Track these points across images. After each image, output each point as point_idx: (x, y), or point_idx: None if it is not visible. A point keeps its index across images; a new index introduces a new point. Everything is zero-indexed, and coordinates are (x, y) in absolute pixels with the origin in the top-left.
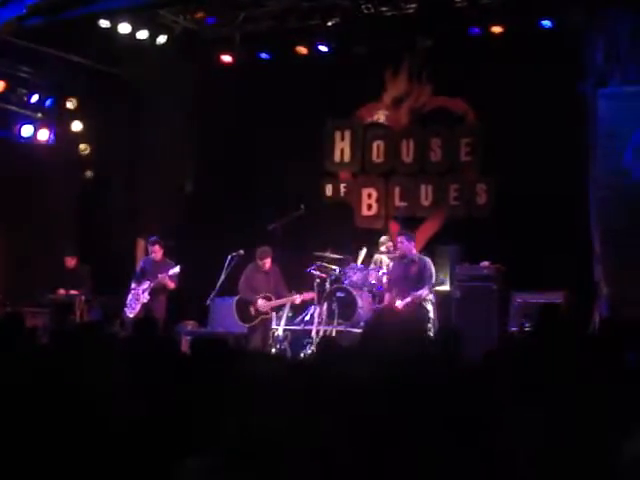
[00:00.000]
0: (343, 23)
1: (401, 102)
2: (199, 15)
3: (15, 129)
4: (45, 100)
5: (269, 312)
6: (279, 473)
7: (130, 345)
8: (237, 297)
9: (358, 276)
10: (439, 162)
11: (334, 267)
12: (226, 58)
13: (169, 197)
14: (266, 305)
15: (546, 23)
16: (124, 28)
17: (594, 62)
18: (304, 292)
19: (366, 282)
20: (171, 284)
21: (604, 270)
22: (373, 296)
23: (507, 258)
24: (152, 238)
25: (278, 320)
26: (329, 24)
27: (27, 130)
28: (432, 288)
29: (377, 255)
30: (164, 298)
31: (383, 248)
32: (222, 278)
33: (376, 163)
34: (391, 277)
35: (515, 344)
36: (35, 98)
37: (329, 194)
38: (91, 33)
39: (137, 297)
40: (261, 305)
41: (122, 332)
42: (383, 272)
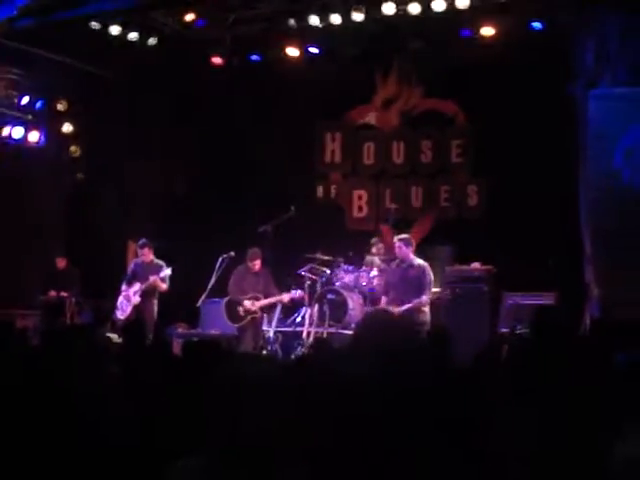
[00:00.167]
0: (334, 25)
1: (391, 104)
2: (189, 17)
3: (5, 131)
4: (35, 102)
5: (258, 311)
6: (270, 474)
7: (121, 347)
8: (227, 298)
9: (349, 278)
10: (430, 164)
11: (325, 269)
12: (216, 60)
13: (160, 199)
14: (254, 305)
15: (536, 25)
16: (115, 30)
17: (584, 63)
18: (292, 290)
19: (357, 284)
20: (162, 286)
21: (595, 271)
22: (364, 298)
23: (498, 259)
24: (141, 241)
25: (269, 322)
26: (320, 26)
27: (17, 132)
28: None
29: (368, 257)
30: (155, 300)
31: (374, 250)
32: (213, 280)
33: (367, 165)
34: (389, 281)
35: (508, 346)
36: (25, 100)
37: (320, 196)
38: (82, 35)
39: (128, 299)
40: (248, 305)
41: (113, 334)
42: (374, 274)
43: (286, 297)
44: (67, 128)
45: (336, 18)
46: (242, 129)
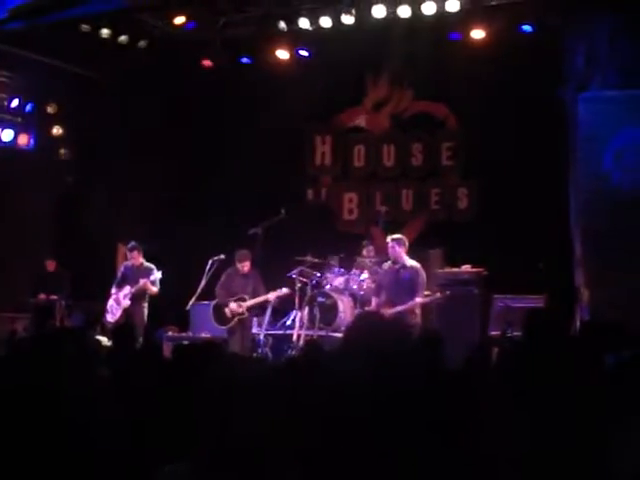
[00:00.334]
0: (324, 28)
1: (382, 107)
2: (180, 20)
3: None
4: (25, 105)
5: (244, 312)
6: (261, 476)
7: (111, 350)
8: (215, 301)
9: (339, 281)
10: (420, 166)
11: (315, 272)
12: (207, 62)
13: (150, 201)
14: (240, 307)
15: (526, 28)
16: (105, 32)
17: (574, 66)
18: (277, 289)
19: (347, 286)
20: (153, 289)
21: (585, 272)
22: (355, 301)
23: (488, 262)
24: (131, 244)
25: (260, 325)
26: (310, 29)
27: (7, 135)
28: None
29: (359, 259)
30: (145, 303)
31: (364, 252)
32: (203, 283)
33: (357, 168)
34: (381, 282)
35: (499, 348)
36: (15, 103)
37: (310, 198)
38: (72, 37)
39: (118, 302)
40: (235, 307)
41: (103, 337)
42: (365, 277)
43: (272, 296)
44: (57, 131)
45: (326, 21)
46: (232, 132)
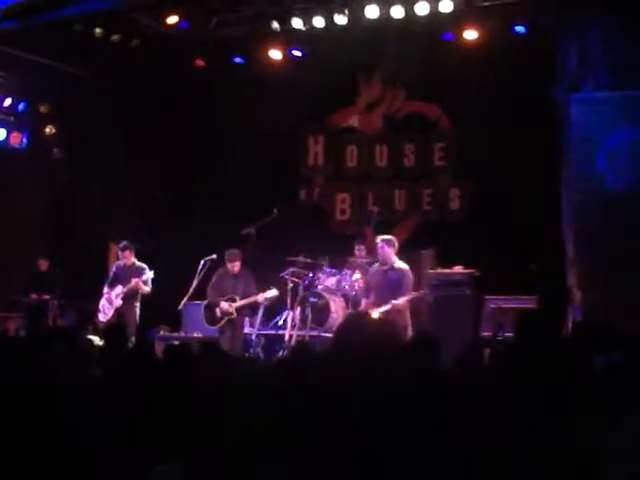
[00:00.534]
0: (317, 28)
1: (375, 107)
2: (173, 19)
3: None
4: (18, 104)
5: (234, 312)
6: (252, 477)
7: (103, 350)
8: (205, 301)
9: (331, 281)
10: (413, 167)
11: (307, 272)
12: (200, 62)
13: (142, 201)
14: (231, 306)
15: (519, 28)
16: (98, 32)
17: (567, 67)
18: (266, 290)
19: (340, 287)
20: (145, 289)
21: (577, 273)
22: (347, 301)
23: (480, 263)
24: (122, 244)
25: (251, 325)
26: (303, 29)
27: (0, 134)
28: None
29: (351, 260)
30: (137, 303)
31: (356, 253)
32: (195, 283)
33: (350, 168)
34: (369, 283)
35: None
36: (8, 102)
37: (303, 198)
38: (65, 37)
39: (110, 302)
40: (225, 307)
41: (95, 337)
42: (357, 277)
43: (261, 297)
44: (50, 130)
45: (319, 21)
46: (225, 132)
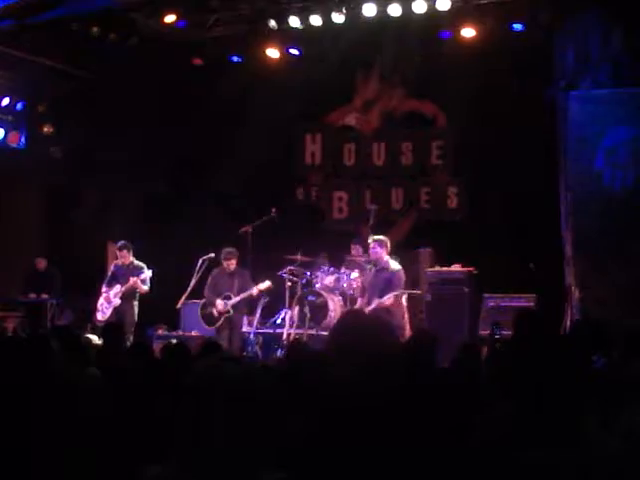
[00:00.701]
0: (314, 26)
1: (372, 105)
2: (170, 18)
3: None
4: (16, 103)
5: (230, 311)
6: (248, 476)
7: (101, 349)
8: (202, 301)
9: (330, 279)
10: (410, 165)
11: (305, 270)
12: (197, 61)
13: (140, 200)
14: (226, 305)
15: (517, 26)
16: (95, 31)
17: (565, 65)
18: (259, 282)
19: (338, 285)
20: (143, 288)
21: (576, 272)
22: (345, 299)
23: (478, 261)
24: (120, 243)
25: (249, 324)
26: (300, 27)
27: None
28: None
29: (349, 258)
30: (135, 302)
31: (353, 251)
32: (193, 282)
33: (347, 166)
34: (364, 283)
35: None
36: (6, 101)
37: (300, 197)
38: (62, 36)
39: (108, 301)
40: (220, 305)
41: (93, 335)
42: (355, 276)
43: (255, 290)
44: (47, 129)
45: (316, 19)
46: (222, 130)
